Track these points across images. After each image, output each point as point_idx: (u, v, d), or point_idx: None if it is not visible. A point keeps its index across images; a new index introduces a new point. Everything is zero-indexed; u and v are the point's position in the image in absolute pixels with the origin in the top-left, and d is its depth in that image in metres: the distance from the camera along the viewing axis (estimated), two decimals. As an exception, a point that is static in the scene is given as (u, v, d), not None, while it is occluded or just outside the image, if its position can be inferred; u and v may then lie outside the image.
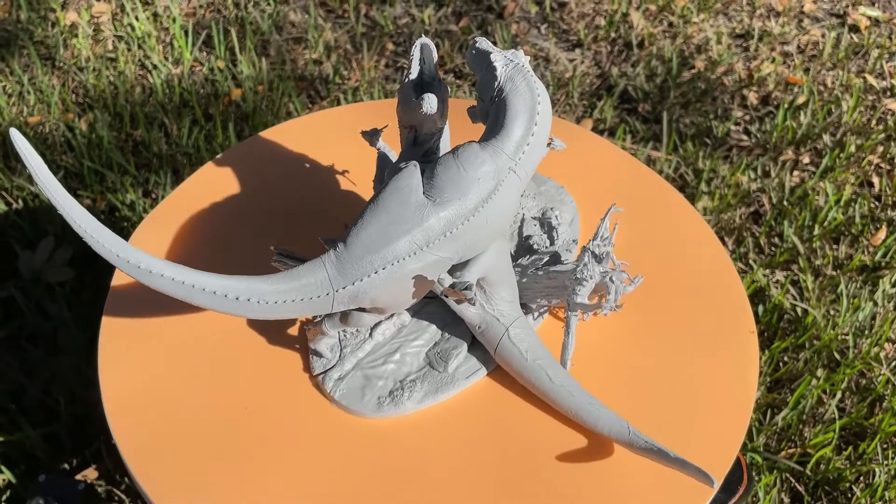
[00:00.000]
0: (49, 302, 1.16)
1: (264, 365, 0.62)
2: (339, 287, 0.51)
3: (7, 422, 1.04)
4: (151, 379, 0.62)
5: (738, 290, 0.67)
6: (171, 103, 1.51)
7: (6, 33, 1.67)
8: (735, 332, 0.65)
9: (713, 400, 0.60)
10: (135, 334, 0.65)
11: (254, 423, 0.59)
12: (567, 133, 0.83)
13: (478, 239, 0.53)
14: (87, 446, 1.03)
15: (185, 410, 0.60)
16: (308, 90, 1.57)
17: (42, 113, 1.49)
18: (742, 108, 1.56)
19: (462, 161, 0.52)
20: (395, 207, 0.51)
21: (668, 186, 0.78)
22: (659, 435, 0.58)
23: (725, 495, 0.67)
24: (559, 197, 0.73)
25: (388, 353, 0.60)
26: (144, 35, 1.66)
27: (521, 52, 0.55)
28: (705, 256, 0.71)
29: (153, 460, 0.57)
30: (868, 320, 1.18)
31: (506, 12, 1.77)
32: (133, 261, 0.50)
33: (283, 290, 0.51)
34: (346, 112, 0.86)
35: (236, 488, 0.55)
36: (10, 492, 0.99)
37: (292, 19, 1.73)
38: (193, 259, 0.70)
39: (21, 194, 1.33)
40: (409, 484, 0.55)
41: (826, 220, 1.33)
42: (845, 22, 1.78)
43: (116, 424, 0.59)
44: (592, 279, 0.58)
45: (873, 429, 1.06)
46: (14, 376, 1.08)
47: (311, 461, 0.56)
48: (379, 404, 0.58)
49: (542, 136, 0.53)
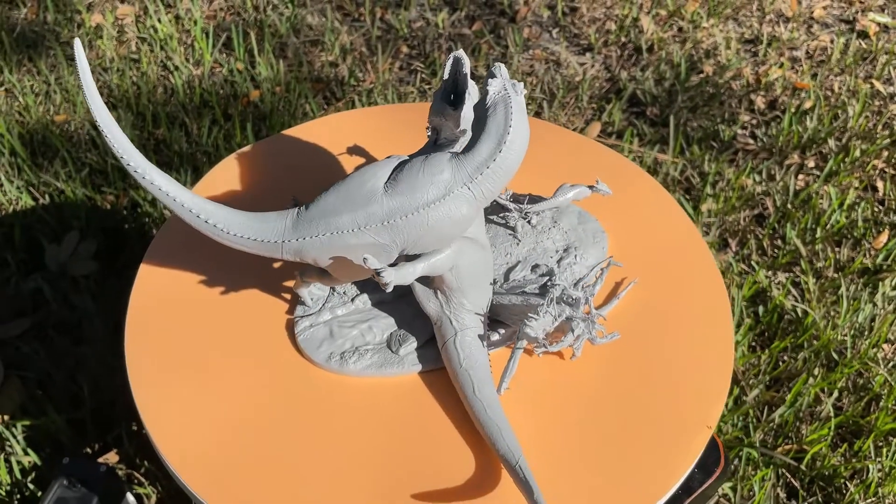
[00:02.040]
0: (74, 293, 1.21)
1: (269, 318, 0.67)
2: (288, 239, 0.58)
3: (34, 407, 1.09)
4: (174, 351, 0.66)
5: (721, 292, 0.70)
6: (191, 103, 1.55)
7: (34, 34, 1.73)
8: (712, 319, 0.68)
9: (689, 383, 0.63)
10: (161, 313, 0.69)
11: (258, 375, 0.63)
12: (625, 177, 0.82)
13: (419, 237, 0.56)
14: (109, 432, 1.08)
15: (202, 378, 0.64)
16: (324, 91, 1.61)
17: (68, 112, 1.54)
18: (749, 113, 1.59)
19: (427, 165, 0.56)
20: (353, 187, 0.57)
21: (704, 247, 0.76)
22: (635, 415, 0.61)
23: (703, 475, 0.71)
24: (594, 240, 0.73)
25: (359, 321, 0.66)
26: (167, 37, 1.71)
27: (521, 85, 0.57)
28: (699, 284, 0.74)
29: (169, 420, 0.61)
30: (868, 322, 1.20)
31: (518, 16, 1.80)
32: (133, 165, 0.56)
33: (247, 225, 0.58)
34: (364, 115, 0.90)
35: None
36: (36, 473, 1.04)
37: (309, 22, 1.78)
38: (212, 250, 0.75)
39: (48, 190, 1.38)
40: (312, 422, 0.60)
41: (829, 224, 1.35)
42: (854, 28, 1.80)
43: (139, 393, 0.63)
44: (548, 316, 0.59)
45: (869, 427, 1.08)
46: (41, 364, 1.13)
47: (259, 383, 0.63)
48: (329, 358, 0.64)
49: (508, 164, 0.55)
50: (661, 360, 0.64)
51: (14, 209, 1.35)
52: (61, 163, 1.43)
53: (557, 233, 0.73)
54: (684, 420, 0.60)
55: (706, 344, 0.65)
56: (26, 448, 1.04)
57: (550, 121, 1.54)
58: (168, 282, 0.72)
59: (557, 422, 0.61)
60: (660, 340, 0.66)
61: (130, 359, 0.66)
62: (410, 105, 0.91)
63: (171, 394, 0.64)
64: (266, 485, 0.59)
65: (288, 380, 0.64)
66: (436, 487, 0.58)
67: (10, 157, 1.44)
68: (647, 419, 0.61)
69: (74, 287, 1.23)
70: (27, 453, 1.04)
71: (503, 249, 0.72)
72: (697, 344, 0.66)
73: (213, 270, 0.73)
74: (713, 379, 0.63)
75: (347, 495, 0.58)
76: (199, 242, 0.75)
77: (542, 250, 0.71)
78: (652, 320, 0.68)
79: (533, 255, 0.71)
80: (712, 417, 0.60)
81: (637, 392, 0.63)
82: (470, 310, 0.62)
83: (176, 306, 0.70)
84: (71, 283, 1.23)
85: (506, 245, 0.72)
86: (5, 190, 1.37)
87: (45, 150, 1.46)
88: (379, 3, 1.84)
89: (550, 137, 0.86)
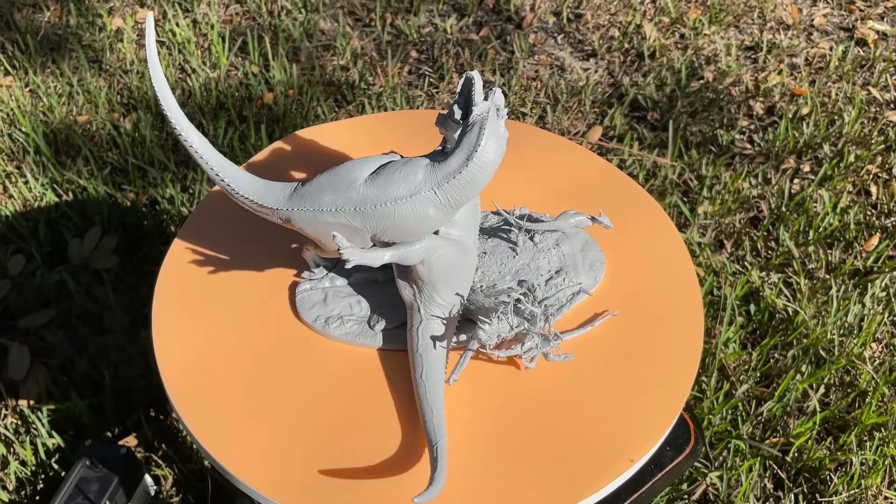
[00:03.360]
0: (96, 286, 1.27)
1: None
2: (280, 207, 0.65)
3: (58, 392, 1.15)
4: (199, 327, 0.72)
5: (693, 287, 0.75)
6: (208, 105, 1.62)
7: (57, 37, 1.80)
8: (683, 308, 0.72)
9: (661, 366, 0.68)
10: (187, 296, 0.75)
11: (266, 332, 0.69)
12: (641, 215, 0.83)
13: (386, 227, 0.63)
14: (128, 416, 1.14)
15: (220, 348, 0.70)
16: (335, 95, 1.67)
17: (90, 112, 1.61)
18: (747, 118, 1.63)
19: (406, 165, 0.62)
20: (342, 173, 0.64)
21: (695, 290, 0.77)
22: (611, 393, 0.66)
23: (674, 452, 0.76)
24: (590, 268, 0.76)
25: (351, 294, 0.74)
26: (184, 41, 1.77)
27: (505, 111, 0.62)
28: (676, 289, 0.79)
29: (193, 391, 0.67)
30: (857, 321, 1.24)
31: (524, 23, 1.85)
32: (174, 121, 0.63)
33: (253, 189, 0.65)
34: (375, 120, 0.96)
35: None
36: (59, 454, 1.09)
37: (322, 27, 1.83)
38: (235, 244, 0.80)
39: (71, 187, 1.44)
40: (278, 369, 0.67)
41: (822, 226, 1.39)
42: (853, 35, 1.84)
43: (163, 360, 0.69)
44: (504, 323, 0.64)
45: (854, 422, 1.13)
46: (65, 352, 1.19)
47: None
48: (315, 319, 0.72)
49: (473, 178, 0.61)
50: (621, 373, 0.69)
51: (39, 205, 1.41)
52: (84, 161, 1.50)
53: (556, 254, 0.76)
54: (608, 450, 0.64)
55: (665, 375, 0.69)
56: (51, 431, 1.10)
57: (554, 124, 1.59)
58: (199, 249, 0.78)
59: (499, 422, 0.65)
60: (624, 357, 0.71)
61: (159, 291, 0.75)
62: (427, 112, 0.96)
63: (181, 326, 0.72)
64: (231, 405, 0.64)
65: (279, 331, 0.72)
66: (359, 451, 0.64)
67: (36, 156, 1.50)
68: (624, 397, 0.66)
69: (96, 280, 1.29)
70: (51, 435, 1.10)
71: (499, 259, 0.75)
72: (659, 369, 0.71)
73: (240, 243, 0.78)
74: (681, 369, 0.68)
75: (284, 439, 0.65)
76: (219, 232, 0.81)
77: (535, 267, 0.75)
78: (621, 342, 0.72)
79: (525, 270, 0.75)
80: (637, 451, 0.63)
81: (613, 373, 0.68)
82: (440, 304, 0.67)
83: (203, 269, 0.76)
84: (93, 275, 1.29)
85: (503, 256, 0.76)
86: (31, 187, 1.44)
87: (69, 149, 1.52)
88: (389, 8, 1.90)
89: (570, 156, 0.89)
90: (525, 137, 0.92)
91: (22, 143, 1.53)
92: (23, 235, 1.36)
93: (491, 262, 0.75)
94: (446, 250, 0.65)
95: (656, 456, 0.76)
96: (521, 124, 0.94)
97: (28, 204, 1.42)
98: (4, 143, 1.54)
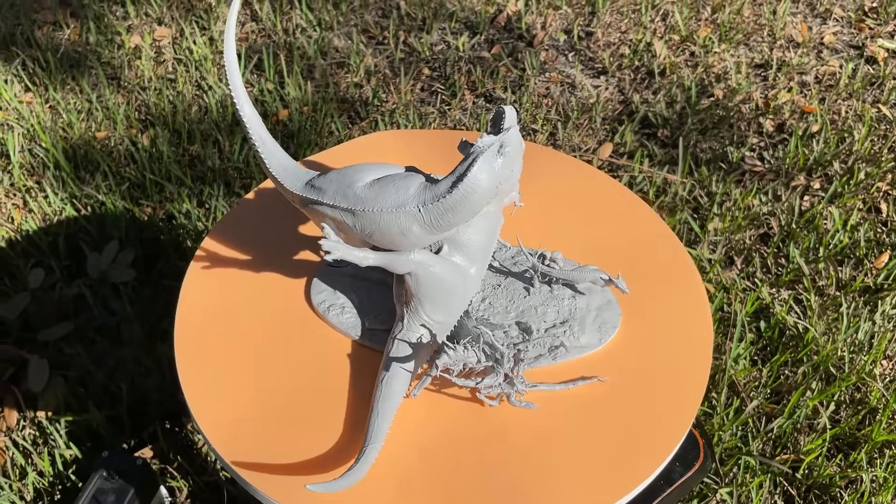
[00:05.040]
0: (114, 299, 1.29)
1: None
2: (296, 191, 0.70)
3: (76, 404, 1.17)
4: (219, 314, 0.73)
5: (699, 290, 0.76)
6: (224, 121, 1.64)
7: (77, 54, 1.83)
8: (692, 321, 0.73)
9: (670, 382, 0.69)
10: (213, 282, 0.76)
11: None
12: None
13: (371, 232, 0.66)
14: (145, 428, 1.15)
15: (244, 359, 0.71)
16: (349, 111, 1.69)
17: (108, 128, 1.64)
18: (757, 135, 1.64)
19: (404, 179, 0.65)
20: (351, 173, 0.67)
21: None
22: (620, 409, 0.67)
23: (683, 468, 0.76)
24: (598, 328, 0.73)
25: (360, 290, 0.76)
26: (201, 58, 1.80)
27: (506, 149, 0.63)
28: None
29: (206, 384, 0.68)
30: (867, 338, 1.25)
31: (536, 40, 1.88)
32: (234, 91, 0.69)
33: (281, 169, 0.70)
34: (395, 136, 0.97)
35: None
36: (77, 466, 1.11)
37: (336, 45, 1.86)
38: (263, 246, 0.82)
39: (89, 202, 1.47)
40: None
41: (832, 243, 1.40)
42: (863, 53, 1.85)
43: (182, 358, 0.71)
44: (470, 354, 0.64)
45: (864, 439, 1.13)
46: (83, 364, 1.22)
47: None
48: (320, 304, 0.75)
49: (458, 204, 0.63)
50: (619, 415, 0.69)
51: (58, 220, 1.44)
52: (102, 176, 1.53)
53: (568, 305, 0.73)
54: (665, 417, 0.66)
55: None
56: (68, 442, 1.12)
57: (565, 141, 1.61)
58: (224, 257, 0.79)
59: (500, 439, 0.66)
60: (639, 352, 0.72)
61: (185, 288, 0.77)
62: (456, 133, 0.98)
63: (204, 342, 0.72)
64: (252, 417, 0.66)
65: (306, 349, 0.74)
66: (302, 438, 0.67)
67: (55, 171, 1.53)
68: (635, 413, 0.67)
69: (114, 293, 1.31)
70: (69, 447, 1.12)
71: (510, 295, 0.74)
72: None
73: (263, 253, 0.80)
74: (691, 385, 0.69)
75: (301, 447, 0.66)
76: (247, 239, 0.83)
77: (541, 312, 0.73)
78: (630, 357, 0.74)
79: (530, 312, 0.73)
80: (646, 467, 0.63)
81: (625, 388, 0.69)
82: (424, 320, 0.68)
83: (225, 280, 0.78)
84: (111, 289, 1.32)
85: (515, 294, 0.74)
86: (51, 201, 1.46)
87: (87, 164, 1.55)
88: (402, 26, 1.92)
89: (595, 188, 0.89)
90: (582, 176, 0.91)
91: (42, 159, 1.56)
92: (42, 249, 1.39)
93: (501, 295, 0.74)
94: (440, 270, 0.67)
95: (665, 472, 0.77)
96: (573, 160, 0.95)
97: (48, 218, 1.44)
98: (25, 159, 1.57)
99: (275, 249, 0.84)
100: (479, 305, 0.74)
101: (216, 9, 1.96)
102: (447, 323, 0.70)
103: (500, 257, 0.79)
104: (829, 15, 1.97)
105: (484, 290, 0.76)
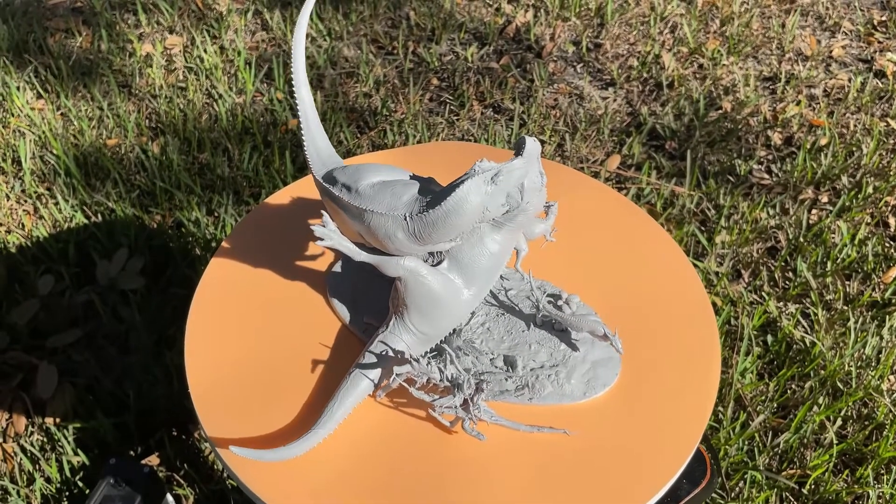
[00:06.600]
0: (122, 306, 1.30)
1: None
2: (316, 173, 0.73)
3: (84, 410, 1.18)
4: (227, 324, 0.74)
5: (708, 313, 0.76)
6: (233, 130, 1.65)
7: (88, 62, 1.85)
8: (699, 347, 0.73)
9: (677, 399, 0.69)
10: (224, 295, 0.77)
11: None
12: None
13: (362, 230, 0.67)
14: (152, 436, 1.16)
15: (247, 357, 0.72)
16: (358, 121, 1.70)
17: (119, 136, 1.65)
18: (765, 148, 1.64)
19: (404, 185, 0.67)
20: (362, 169, 0.69)
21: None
22: (626, 426, 0.67)
23: (690, 485, 0.76)
24: (585, 380, 0.72)
25: (364, 285, 0.78)
26: (212, 67, 1.82)
27: (499, 178, 0.64)
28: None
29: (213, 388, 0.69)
30: (874, 353, 1.25)
31: (544, 52, 1.88)
32: (295, 74, 0.74)
33: (314, 153, 0.74)
34: (414, 151, 0.98)
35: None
36: (84, 472, 1.12)
37: (346, 55, 1.87)
38: (277, 250, 0.83)
39: (100, 209, 1.48)
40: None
41: (840, 258, 1.40)
42: (872, 67, 1.85)
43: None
44: (433, 369, 0.65)
45: (871, 455, 1.13)
46: (91, 371, 1.22)
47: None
48: (331, 287, 0.79)
49: (440, 220, 0.64)
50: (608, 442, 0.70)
51: (69, 226, 1.45)
52: (112, 184, 1.54)
53: (564, 351, 0.72)
54: (672, 436, 0.66)
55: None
56: (76, 448, 1.13)
57: (572, 152, 1.61)
58: (235, 270, 0.80)
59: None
60: (647, 372, 0.72)
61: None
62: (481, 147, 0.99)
63: (213, 345, 0.72)
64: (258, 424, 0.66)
65: (313, 355, 0.74)
66: (314, 451, 0.67)
67: (66, 178, 1.54)
68: (643, 430, 0.67)
69: (123, 300, 1.32)
70: (77, 453, 1.12)
71: (509, 326, 0.73)
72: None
73: (275, 264, 0.81)
74: (698, 405, 0.69)
75: (310, 460, 0.65)
76: (265, 241, 0.84)
77: (534, 350, 0.72)
78: (637, 373, 0.74)
79: (522, 348, 0.72)
80: (653, 485, 0.63)
81: (634, 405, 0.69)
82: (408, 327, 0.69)
83: (237, 290, 0.78)
84: (120, 296, 1.32)
85: (514, 326, 0.73)
86: (61, 208, 1.47)
87: (98, 171, 1.56)
88: (412, 37, 1.93)
89: (612, 210, 0.90)
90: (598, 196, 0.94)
91: (53, 166, 1.58)
92: (52, 256, 1.40)
93: (501, 325, 0.74)
94: (430, 281, 0.67)
95: (672, 489, 0.77)
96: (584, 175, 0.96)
97: (58, 225, 1.45)
98: (36, 165, 1.58)
99: (289, 258, 0.84)
100: (478, 329, 0.73)
101: (227, 18, 1.98)
102: (432, 336, 0.70)
103: (516, 287, 0.77)
104: (837, 28, 1.98)
105: (487, 314, 0.75)
